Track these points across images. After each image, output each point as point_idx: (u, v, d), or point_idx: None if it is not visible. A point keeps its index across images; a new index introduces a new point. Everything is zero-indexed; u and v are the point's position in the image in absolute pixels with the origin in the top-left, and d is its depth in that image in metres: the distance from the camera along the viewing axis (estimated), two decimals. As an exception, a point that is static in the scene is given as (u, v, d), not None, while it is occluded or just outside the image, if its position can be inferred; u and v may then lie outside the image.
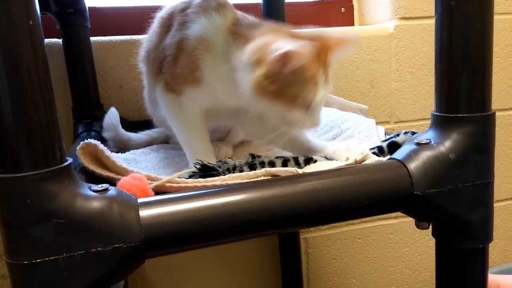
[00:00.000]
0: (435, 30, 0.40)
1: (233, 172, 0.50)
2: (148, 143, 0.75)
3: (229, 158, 0.65)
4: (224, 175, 0.49)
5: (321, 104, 0.53)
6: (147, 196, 0.40)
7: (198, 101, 0.60)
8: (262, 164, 0.51)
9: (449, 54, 0.39)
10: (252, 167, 0.51)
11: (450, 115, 0.40)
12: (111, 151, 0.65)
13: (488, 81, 0.39)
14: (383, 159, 0.44)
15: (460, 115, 0.39)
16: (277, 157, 0.52)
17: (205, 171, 0.51)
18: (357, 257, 1.10)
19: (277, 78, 0.48)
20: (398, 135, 0.53)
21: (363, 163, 0.44)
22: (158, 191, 0.44)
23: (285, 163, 0.51)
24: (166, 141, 0.77)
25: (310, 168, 0.50)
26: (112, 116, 0.74)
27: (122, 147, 0.73)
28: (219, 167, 0.51)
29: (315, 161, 0.52)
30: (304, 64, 0.48)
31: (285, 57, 0.46)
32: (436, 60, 0.41)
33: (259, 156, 0.53)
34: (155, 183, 0.44)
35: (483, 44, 0.39)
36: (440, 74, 0.40)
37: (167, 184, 0.45)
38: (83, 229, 0.29)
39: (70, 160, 0.31)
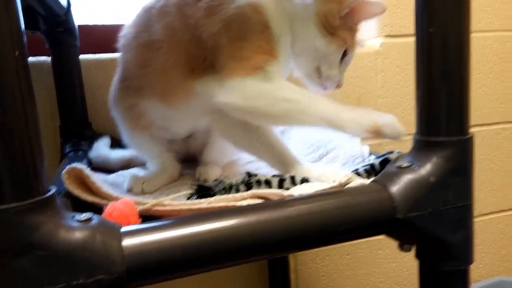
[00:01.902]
0: (415, 56, 0.41)
1: (229, 192, 0.50)
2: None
3: (225, 177, 0.65)
4: (221, 194, 0.49)
5: (349, 63, 0.63)
6: (136, 222, 0.40)
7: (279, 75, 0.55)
8: (259, 183, 0.51)
9: (428, 80, 0.40)
10: (248, 185, 0.51)
11: (430, 139, 0.41)
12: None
13: (466, 105, 0.40)
14: (367, 181, 0.45)
15: (440, 139, 0.40)
16: (274, 176, 0.52)
17: (202, 191, 0.51)
18: (345, 273, 1.11)
19: (342, 18, 0.56)
20: (391, 152, 0.54)
21: (348, 185, 0.45)
22: (145, 214, 0.44)
23: (281, 182, 0.52)
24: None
25: (297, 189, 0.50)
26: (99, 148, 0.75)
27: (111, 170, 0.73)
28: (216, 186, 0.51)
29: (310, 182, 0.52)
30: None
31: (368, 5, 0.56)
32: (416, 85, 0.42)
33: (255, 175, 0.53)
34: (142, 207, 0.44)
35: (461, 70, 0.40)
36: (420, 99, 0.41)
37: (154, 208, 0.45)
38: (65, 261, 0.29)
39: (53, 189, 0.32)
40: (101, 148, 0.77)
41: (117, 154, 0.76)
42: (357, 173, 0.50)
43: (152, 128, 0.64)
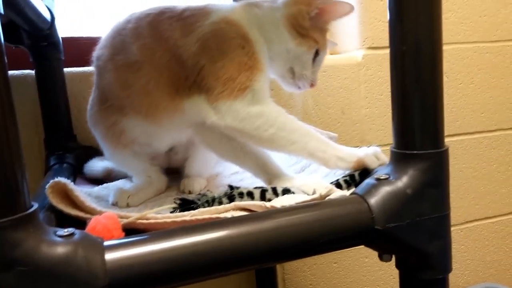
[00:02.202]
0: (390, 72, 0.43)
1: (212, 204, 0.51)
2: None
3: (208, 190, 0.65)
4: (204, 207, 0.50)
5: (322, 63, 0.63)
6: (119, 236, 0.41)
7: (266, 89, 0.55)
8: (241, 195, 0.52)
9: (403, 95, 0.42)
10: (231, 198, 0.52)
11: (407, 152, 0.42)
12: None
13: (440, 120, 0.42)
14: (347, 193, 0.46)
15: (416, 152, 0.41)
16: (256, 188, 0.53)
17: (185, 204, 0.52)
18: (333, 281, 1.11)
19: (312, 18, 0.58)
20: None
21: (328, 197, 0.46)
22: (129, 228, 0.44)
23: (263, 193, 0.52)
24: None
25: (278, 201, 0.51)
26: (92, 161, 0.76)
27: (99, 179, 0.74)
28: (198, 199, 0.52)
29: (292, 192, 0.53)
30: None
31: (337, 5, 0.58)
32: (391, 100, 0.43)
33: (237, 187, 0.54)
34: (125, 221, 0.44)
35: (434, 86, 0.41)
36: (396, 114, 0.43)
37: (138, 221, 0.45)
38: (48, 276, 0.29)
39: (35, 205, 0.32)
40: (92, 161, 0.78)
41: (103, 164, 0.76)
42: (337, 184, 0.51)
43: (134, 145, 0.64)
